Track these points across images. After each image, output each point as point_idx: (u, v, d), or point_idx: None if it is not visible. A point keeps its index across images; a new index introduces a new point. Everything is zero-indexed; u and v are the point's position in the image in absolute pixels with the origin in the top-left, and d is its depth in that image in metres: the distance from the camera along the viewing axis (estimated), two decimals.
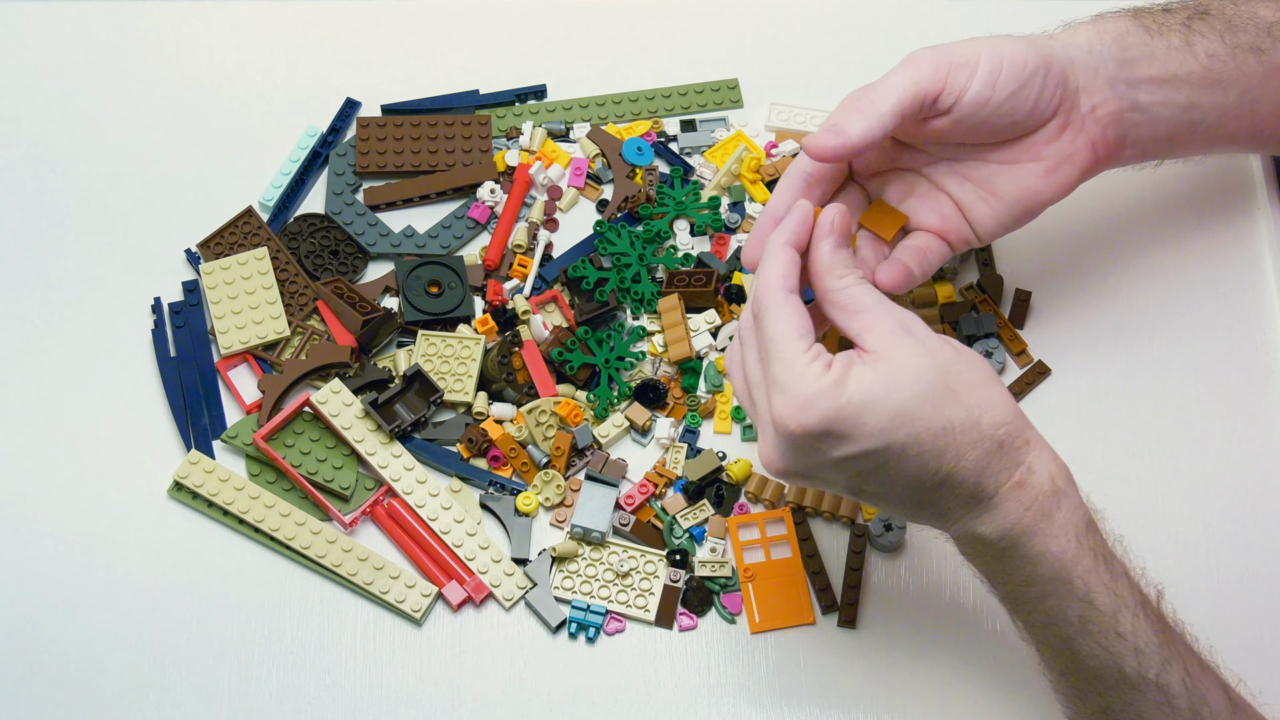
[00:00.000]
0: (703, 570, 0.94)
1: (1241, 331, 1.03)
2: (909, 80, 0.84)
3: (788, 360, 0.75)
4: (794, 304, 0.77)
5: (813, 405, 0.74)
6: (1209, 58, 0.91)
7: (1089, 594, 0.76)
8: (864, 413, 0.74)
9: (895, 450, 0.75)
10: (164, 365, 1.00)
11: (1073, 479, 0.78)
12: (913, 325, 0.77)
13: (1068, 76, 0.88)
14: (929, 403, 0.75)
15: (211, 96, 1.10)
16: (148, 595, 0.94)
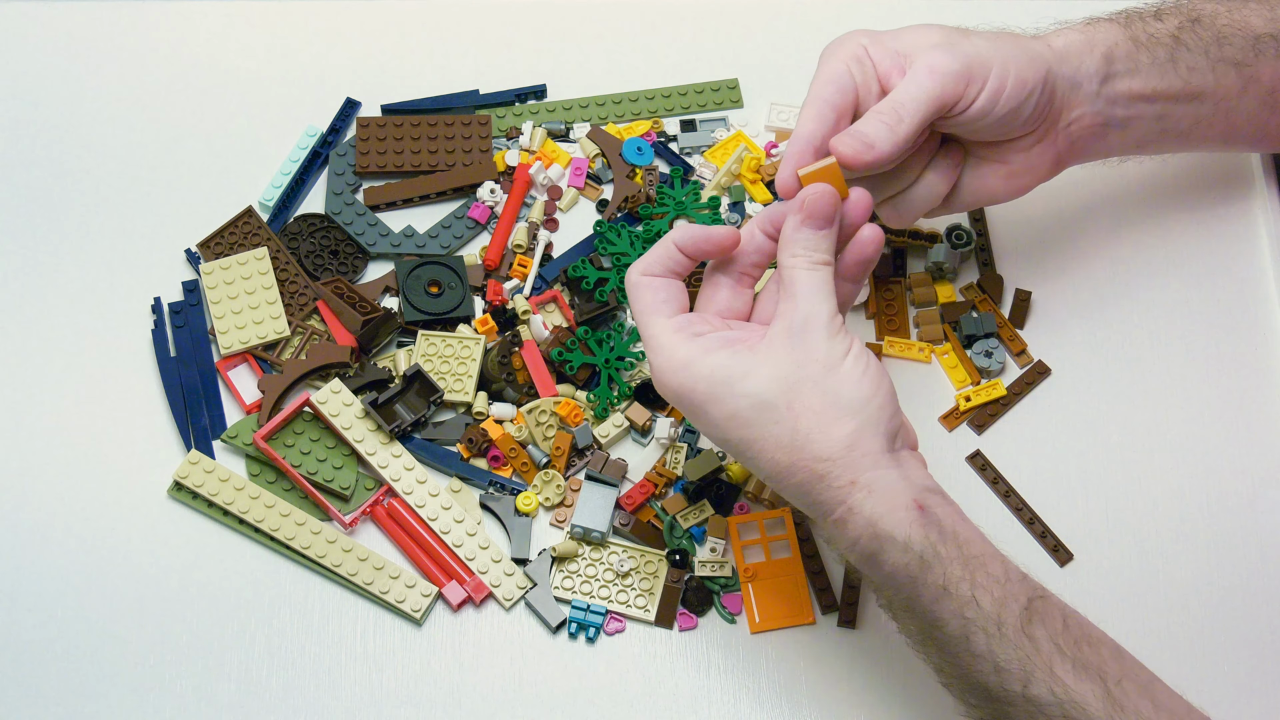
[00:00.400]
0: (703, 570, 0.94)
1: (1242, 331, 1.03)
2: (933, 93, 0.85)
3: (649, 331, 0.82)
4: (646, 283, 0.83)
5: (663, 375, 0.81)
6: (1190, 72, 0.93)
7: (936, 620, 0.78)
8: (705, 403, 0.80)
9: (733, 442, 0.80)
10: (164, 365, 1.00)
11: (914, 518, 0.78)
12: (812, 326, 0.79)
13: (1056, 94, 0.89)
14: (766, 413, 0.79)
15: (211, 96, 1.11)
16: (148, 595, 0.94)
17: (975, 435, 1.00)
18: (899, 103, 0.85)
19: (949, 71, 0.85)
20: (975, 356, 1.01)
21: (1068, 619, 0.78)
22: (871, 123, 0.84)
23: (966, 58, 0.86)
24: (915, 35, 0.88)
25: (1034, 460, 0.99)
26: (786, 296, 0.81)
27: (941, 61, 0.85)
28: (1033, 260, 1.05)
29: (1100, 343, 1.02)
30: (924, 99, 0.85)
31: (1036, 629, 0.76)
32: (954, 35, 0.88)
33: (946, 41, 0.87)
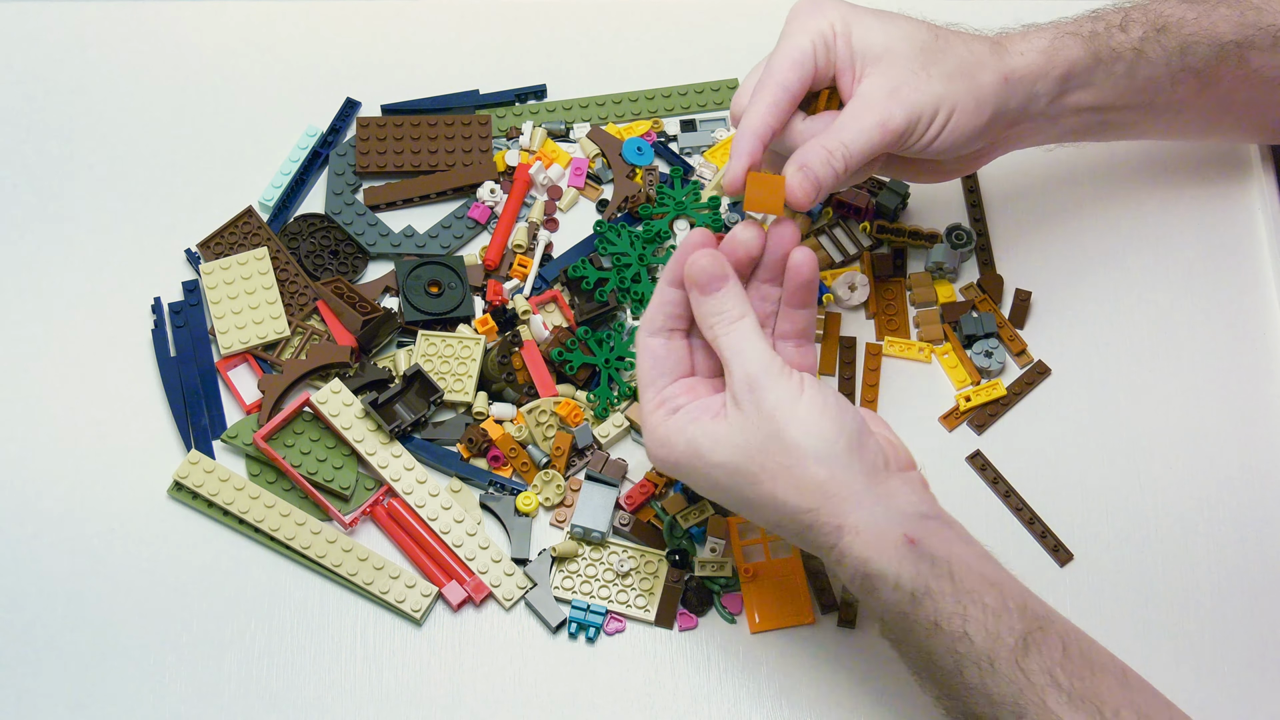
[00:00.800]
0: (703, 570, 0.94)
1: (1242, 330, 1.03)
2: (880, 145, 0.86)
3: (642, 402, 0.85)
4: (648, 347, 0.85)
5: (650, 448, 0.84)
6: (1147, 82, 0.93)
7: (930, 654, 0.78)
8: (688, 474, 0.83)
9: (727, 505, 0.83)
10: (164, 365, 1.00)
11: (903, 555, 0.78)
12: (758, 382, 0.80)
13: (1003, 122, 0.90)
14: (741, 477, 0.80)
15: (211, 97, 1.11)
16: (148, 595, 0.94)
17: (975, 435, 1.00)
18: (848, 150, 0.85)
19: (898, 129, 0.86)
20: (975, 356, 1.01)
21: (1068, 647, 0.77)
22: (824, 166, 0.84)
23: (917, 109, 0.86)
24: (883, 38, 0.87)
25: (1034, 460, 0.99)
26: (724, 364, 0.82)
27: (895, 119, 0.86)
28: (1033, 260, 1.05)
29: (1100, 343, 1.02)
30: (871, 149, 0.86)
31: (1032, 661, 0.76)
32: (914, 71, 0.87)
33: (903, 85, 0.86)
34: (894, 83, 0.86)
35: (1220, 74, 0.93)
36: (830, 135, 0.85)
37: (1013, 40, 0.91)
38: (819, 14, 0.88)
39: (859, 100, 0.86)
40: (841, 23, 0.87)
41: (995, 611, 0.77)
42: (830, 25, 0.87)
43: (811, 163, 0.84)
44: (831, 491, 0.78)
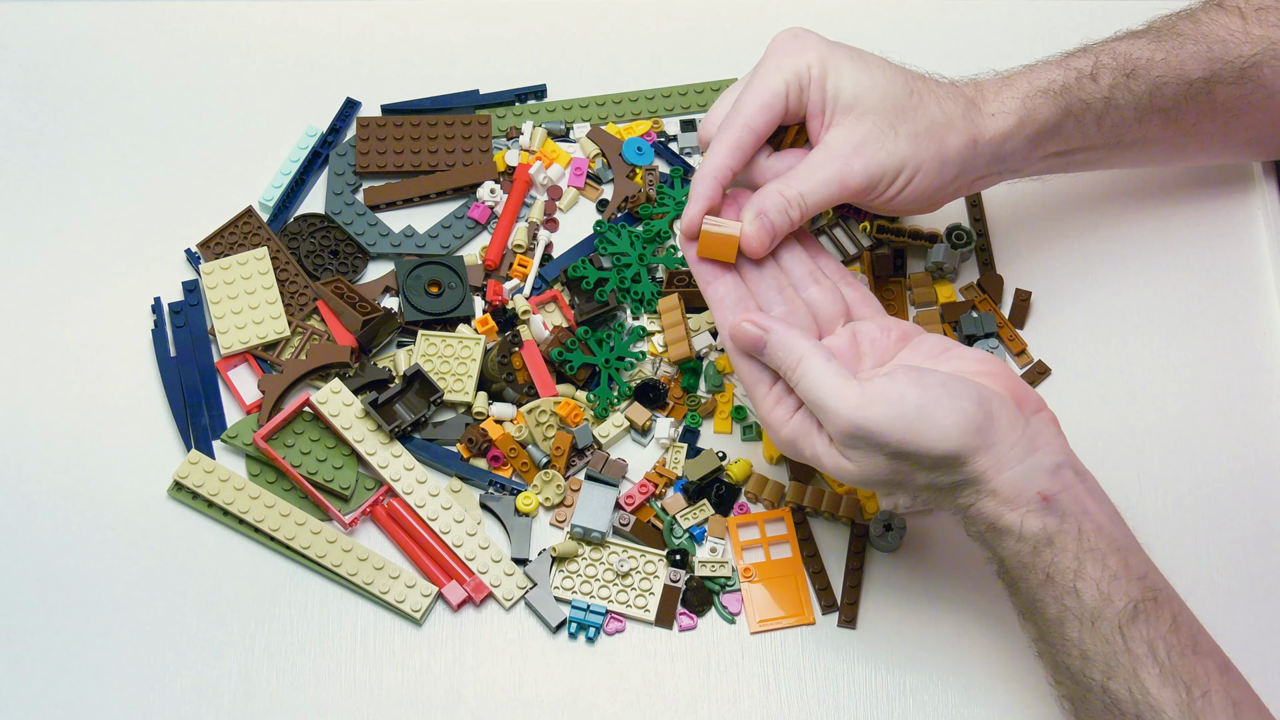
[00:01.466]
0: (703, 570, 0.94)
1: (1241, 330, 1.03)
2: (835, 190, 0.87)
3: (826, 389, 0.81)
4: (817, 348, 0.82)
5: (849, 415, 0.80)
6: (1114, 127, 0.94)
7: (1037, 601, 0.80)
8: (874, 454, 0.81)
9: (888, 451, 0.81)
10: (164, 365, 1.00)
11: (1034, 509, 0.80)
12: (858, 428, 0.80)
13: (971, 175, 0.91)
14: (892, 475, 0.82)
15: (211, 96, 1.11)
16: (148, 595, 0.94)
17: None
18: (805, 201, 0.86)
19: (858, 186, 0.87)
20: None
21: (1179, 625, 0.79)
22: (780, 215, 0.86)
23: (880, 168, 0.87)
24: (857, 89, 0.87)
25: None
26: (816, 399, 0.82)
27: (855, 176, 0.86)
28: (1033, 260, 1.05)
29: (1100, 343, 1.02)
30: (827, 202, 0.87)
31: (1136, 630, 0.77)
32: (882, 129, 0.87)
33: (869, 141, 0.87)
34: (860, 137, 0.87)
35: (1186, 110, 0.94)
36: (789, 183, 0.86)
37: (986, 98, 0.91)
38: (798, 53, 0.88)
39: (823, 150, 0.87)
40: (819, 65, 0.87)
41: (1113, 574, 0.79)
42: (807, 67, 0.87)
43: (769, 210, 0.86)
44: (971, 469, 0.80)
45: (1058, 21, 1.15)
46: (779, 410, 0.84)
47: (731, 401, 1.00)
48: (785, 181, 0.86)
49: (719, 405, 0.99)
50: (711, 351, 1.01)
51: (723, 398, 1.00)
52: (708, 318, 1.02)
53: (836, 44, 0.89)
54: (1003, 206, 1.07)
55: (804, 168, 0.87)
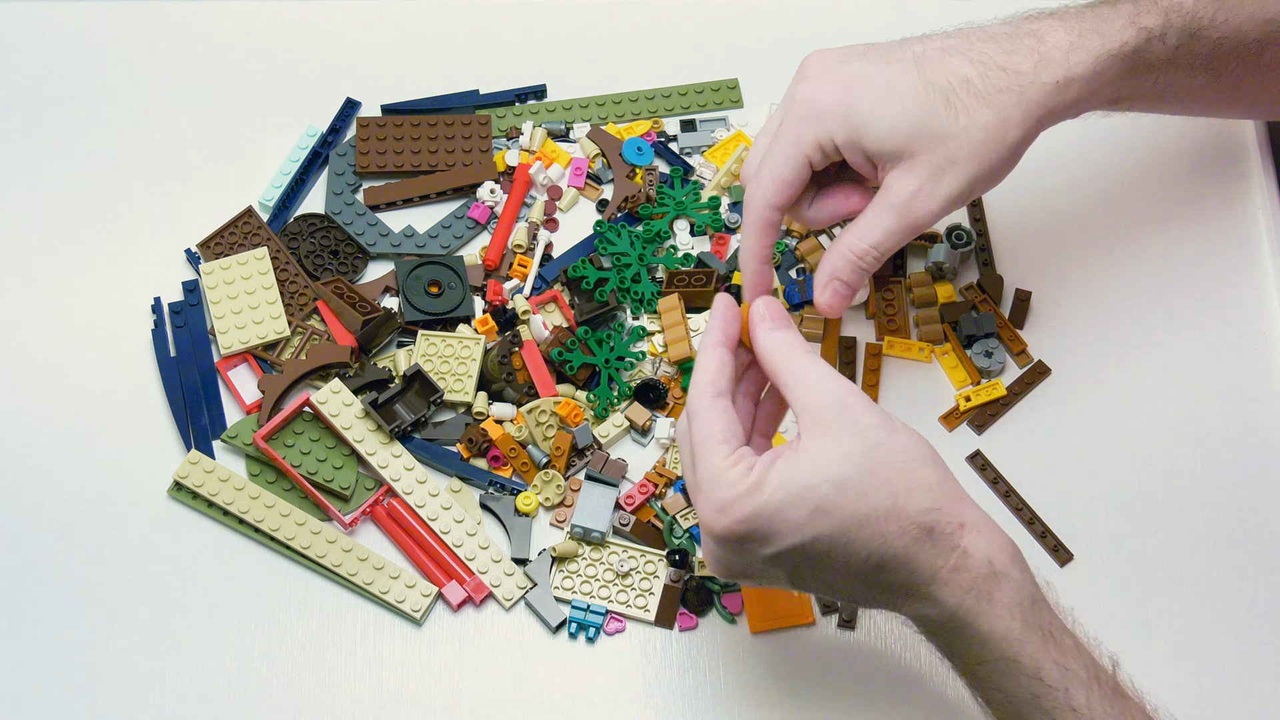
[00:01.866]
0: (703, 570, 0.94)
1: (1242, 330, 1.03)
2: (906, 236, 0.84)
3: (709, 465, 0.76)
4: (719, 408, 0.78)
5: (730, 509, 0.75)
6: (1169, 85, 0.90)
7: (1038, 671, 0.76)
8: (782, 510, 0.74)
9: (822, 542, 0.75)
10: (164, 365, 1.00)
11: (1017, 555, 0.77)
12: (849, 402, 0.76)
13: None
14: (850, 491, 0.74)
15: (211, 96, 1.11)
16: (148, 595, 0.94)
17: (975, 435, 1.00)
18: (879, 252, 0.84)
19: (926, 225, 0.84)
20: (975, 356, 1.01)
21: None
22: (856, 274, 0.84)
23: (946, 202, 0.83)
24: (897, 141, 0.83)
25: (1034, 460, 0.99)
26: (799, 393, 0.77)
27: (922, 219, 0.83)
28: (1033, 260, 1.05)
29: (1100, 343, 1.02)
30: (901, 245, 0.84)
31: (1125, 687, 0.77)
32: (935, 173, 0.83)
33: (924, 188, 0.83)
34: (917, 184, 0.83)
35: (1232, 68, 0.91)
36: (860, 239, 0.84)
37: (1051, 62, 0.84)
38: (817, 121, 0.83)
39: (884, 199, 0.83)
40: (844, 130, 0.83)
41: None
42: (830, 138, 0.83)
43: (842, 274, 0.84)
44: (948, 490, 0.76)
45: None
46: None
47: None
48: (856, 237, 0.84)
49: None
50: None
51: None
52: (707, 318, 1.01)
53: (854, 83, 0.83)
54: (1003, 206, 1.07)
55: (869, 220, 0.84)
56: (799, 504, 0.74)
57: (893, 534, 0.75)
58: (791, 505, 0.74)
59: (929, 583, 0.76)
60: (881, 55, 0.84)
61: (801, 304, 1.03)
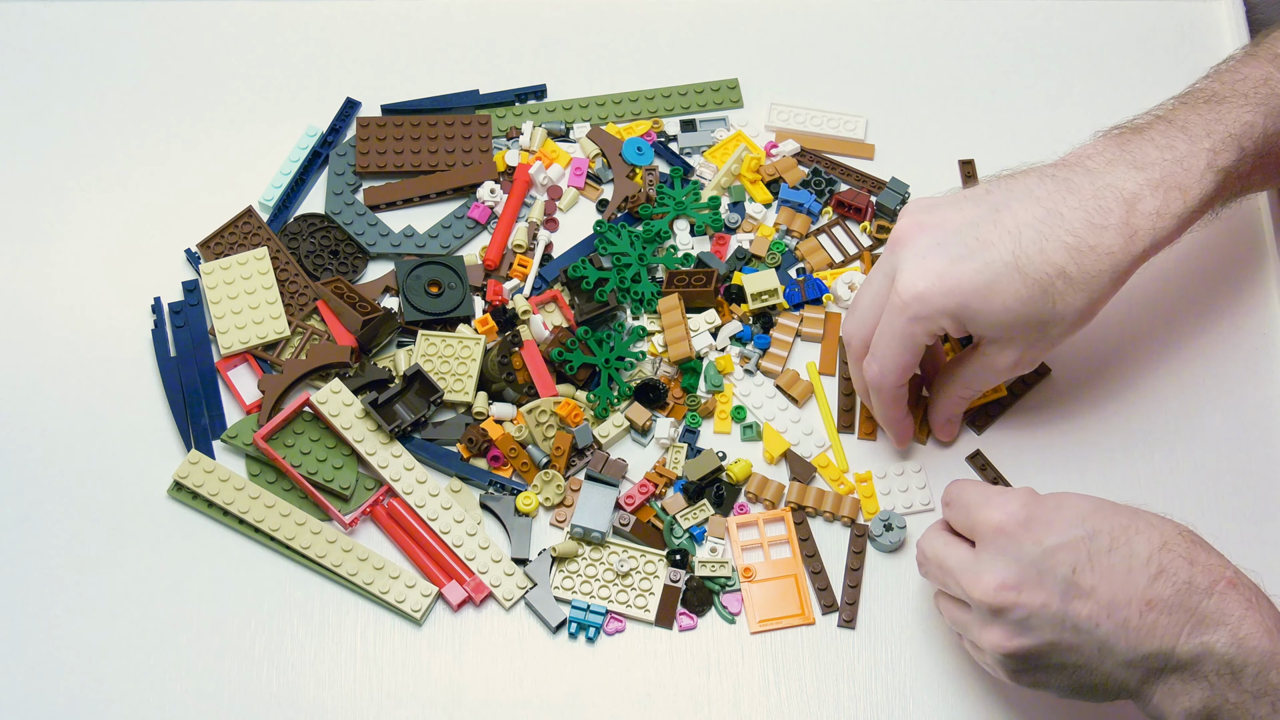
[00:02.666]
0: (703, 570, 0.94)
1: (1242, 330, 1.03)
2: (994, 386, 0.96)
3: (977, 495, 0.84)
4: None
5: (1012, 498, 0.81)
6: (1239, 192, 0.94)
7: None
8: (1061, 501, 0.81)
9: (1101, 538, 0.79)
10: (164, 365, 1.00)
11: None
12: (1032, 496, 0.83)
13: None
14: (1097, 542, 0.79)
15: (211, 96, 1.11)
16: (148, 595, 0.94)
17: (975, 435, 1.00)
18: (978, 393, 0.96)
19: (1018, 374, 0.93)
20: None
21: None
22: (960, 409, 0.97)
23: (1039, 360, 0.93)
24: (1000, 329, 0.88)
25: (1034, 460, 0.99)
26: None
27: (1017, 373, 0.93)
28: None
29: (1100, 343, 1.02)
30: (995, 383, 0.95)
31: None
32: (1033, 342, 0.89)
33: (1025, 354, 0.91)
34: (1015, 358, 0.90)
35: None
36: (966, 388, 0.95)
37: (1138, 239, 0.87)
38: (930, 320, 0.88)
39: (986, 364, 0.92)
40: (954, 326, 0.89)
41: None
42: (941, 330, 0.89)
43: (957, 414, 0.97)
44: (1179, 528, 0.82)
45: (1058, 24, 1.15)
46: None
47: (731, 401, 1.00)
48: (965, 387, 0.95)
49: (719, 405, 0.99)
50: (711, 351, 1.01)
51: (722, 398, 1.00)
52: (708, 318, 1.02)
53: (959, 287, 0.87)
54: None
55: (974, 374, 0.93)
56: (1073, 500, 0.81)
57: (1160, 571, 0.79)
58: (1067, 499, 0.81)
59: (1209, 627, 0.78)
60: (980, 235, 0.87)
61: (801, 304, 1.03)
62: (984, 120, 1.11)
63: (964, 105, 1.12)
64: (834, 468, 0.98)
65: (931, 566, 0.85)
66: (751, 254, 1.05)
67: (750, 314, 1.02)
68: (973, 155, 1.09)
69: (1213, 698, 0.77)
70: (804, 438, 0.99)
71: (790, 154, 1.08)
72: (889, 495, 0.97)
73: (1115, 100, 1.11)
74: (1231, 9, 1.15)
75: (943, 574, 0.84)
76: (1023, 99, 1.12)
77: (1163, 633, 0.77)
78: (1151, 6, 1.15)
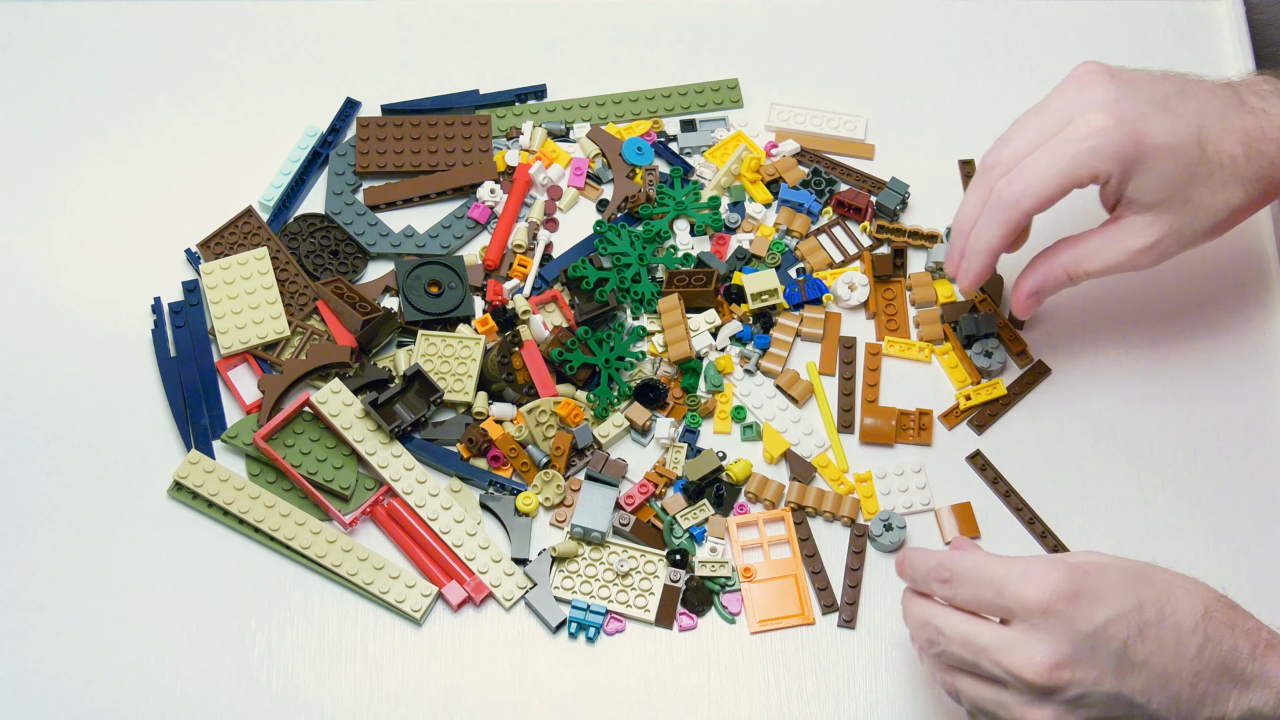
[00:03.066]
0: (703, 570, 0.94)
1: (1242, 330, 1.03)
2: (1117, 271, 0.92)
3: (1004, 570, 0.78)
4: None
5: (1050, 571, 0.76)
6: None
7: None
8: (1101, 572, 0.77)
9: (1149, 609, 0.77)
10: (164, 365, 1.00)
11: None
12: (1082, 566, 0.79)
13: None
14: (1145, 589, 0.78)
15: (211, 96, 1.11)
16: (148, 595, 0.94)
17: (975, 435, 1.00)
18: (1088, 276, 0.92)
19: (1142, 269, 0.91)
20: (975, 356, 1.01)
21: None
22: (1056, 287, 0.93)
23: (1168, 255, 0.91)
24: (1158, 194, 0.87)
25: (1034, 460, 0.99)
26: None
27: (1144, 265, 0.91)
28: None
29: (1100, 343, 1.02)
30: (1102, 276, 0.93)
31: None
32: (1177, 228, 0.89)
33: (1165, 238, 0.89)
34: (1156, 236, 0.88)
35: None
36: (1080, 263, 0.90)
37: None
38: (1102, 158, 0.87)
39: (1118, 234, 0.89)
40: (1120, 176, 0.87)
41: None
42: (1105, 176, 0.87)
43: (1047, 288, 0.93)
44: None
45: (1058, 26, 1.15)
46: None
47: (731, 401, 1.00)
48: (1076, 260, 0.91)
49: (719, 405, 0.99)
50: (711, 351, 1.01)
51: (722, 398, 1.00)
52: (708, 318, 1.02)
53: (1144, 135, 0.87)
54: None
55: (1095, 249, 0.90)
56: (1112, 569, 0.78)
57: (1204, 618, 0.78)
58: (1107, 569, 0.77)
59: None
60: (1168, 104, 0.87)
61: (801, 304, 1.03)
62: (984, 120, 1.11)
63: (964, 105, 1.12)
64: (834, 468, 0.98)
65: (954, 645, 0.79)
66: (751, 254, 1.05)
67: (750, 314, 1.02)
68: (973, 155, 1.09)
69: None
70: (804, 438, 0.99)
71: (790, 154, 1.08)
72: (889, 495, 0.97)
73: None
74: (1231, 9, 1.15)
75: (973, 654, 0.78)
76: (1023, 99, 1.11)
77: (1212, 701, 0.76)
78: (1151, 6, 1.15)
